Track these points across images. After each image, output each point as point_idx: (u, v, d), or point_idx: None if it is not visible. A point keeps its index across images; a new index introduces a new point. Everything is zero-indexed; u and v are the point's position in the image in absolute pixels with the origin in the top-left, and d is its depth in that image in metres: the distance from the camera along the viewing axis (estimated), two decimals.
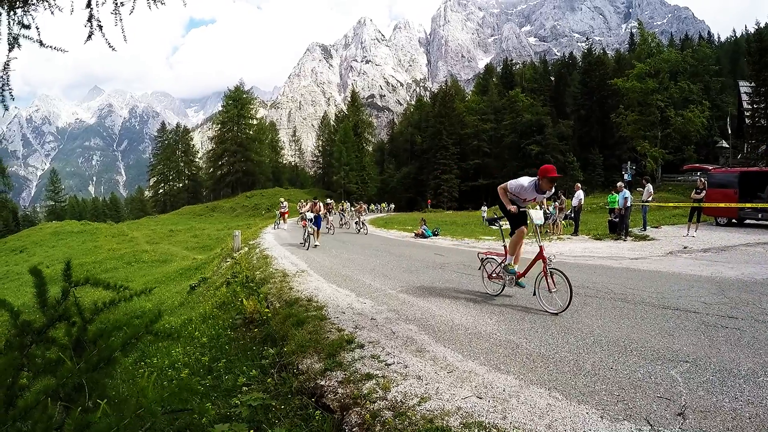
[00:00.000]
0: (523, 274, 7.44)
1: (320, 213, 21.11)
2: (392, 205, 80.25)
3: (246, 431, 3.68)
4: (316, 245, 18.96)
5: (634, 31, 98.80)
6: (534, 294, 6.94)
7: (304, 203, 33.12)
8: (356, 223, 29.51)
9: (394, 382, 4.32)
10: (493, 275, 7.93)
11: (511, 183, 7.42)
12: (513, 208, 7.15)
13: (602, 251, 14.66)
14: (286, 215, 36.95)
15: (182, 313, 12.27)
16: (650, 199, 20.87)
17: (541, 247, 6.85)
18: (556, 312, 6.49)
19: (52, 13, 4.10)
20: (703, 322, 5.85)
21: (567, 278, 6.46)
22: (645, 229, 19.99)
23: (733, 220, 20.98)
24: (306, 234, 19.27)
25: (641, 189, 22.05)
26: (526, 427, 3.34)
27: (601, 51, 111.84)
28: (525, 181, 7.26)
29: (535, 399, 3.78)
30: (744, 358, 4.48)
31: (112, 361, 2.20)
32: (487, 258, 8.27)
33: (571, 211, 23.08)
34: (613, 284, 8.61)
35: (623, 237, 17.68)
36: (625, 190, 18.87)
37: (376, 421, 3.64)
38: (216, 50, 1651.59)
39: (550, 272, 6.72)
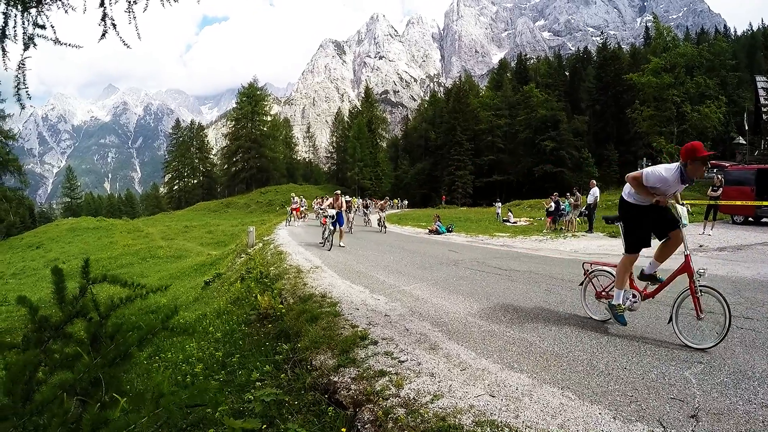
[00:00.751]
0: (654, 294, 5.67)
1: (343, 209, 18.67)
2: (405, 201, 79.89)
3: (259, 426, 3.71)
4: (341, 245, 17.22)
5: (649, 25, 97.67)
6: (669, 321, 5.21)
7: (322, 199, 32.36)
8: (378, 221, 27.92)
9: (407, 379, 4.33)
10: (604, 294, 6.07)
11: (648, 173, 5.33)
12: (661, 198, 5.32)
13: (617, 249, 14.55)
14: (298, 212, 35.86)
15: (197, 308, 12.35)
16: None
17: (686, 256, 5.27)
18: (704, 347, 4.85)
19: (65, 12, 4.14)
20: (717, 323, 5.79)
21: (724, 300, 4.91)
22: None
23: (750, 219, 20.69)
24: (327, 233, 17.24)
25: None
26: (538, 426, 3.34)
27: (616, 45, 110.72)
28: (665, 170, 5.27)
29: (548, 398, 3.78)
30: (759, 360, 4.45)
31: (128, 357, 2.22)
32: (596, 270, 6.37)
33: (585, 208, 22.93)
34: None
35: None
36: None
37: (389, 418, 3.66)
38: (229, 47, 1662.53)
39: (700, 291, 5.11)
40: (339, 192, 19.57)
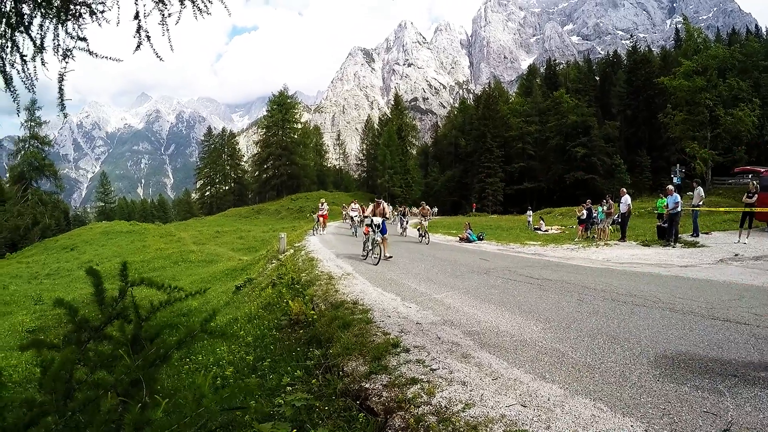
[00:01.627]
0: None
1: (386, 216, 16.35)
2: (435, 209, 77.92)
3: (289, 430, 3.76)
4: (388, 257, 15.32)
5: (679, 26, 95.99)
6: None
7: (358, 207, 30.82)
8: (418, 229, 25.10)
9: (438, 387, 4.33)
10: None
11: None
12: None
13: (650, 258, 14.36)
14: (326, 219, 32.19)
15: (228, 312, 12.50)
16: (700, 203, 20.29)
17: None
18: None
19: (99, 25, 4.26)
20: (753, 335, 5.68)
21: None
22: (696, 235, 19.39)
23: None
24: (371, 244, 15.48)
25: (691, 193, 21.46)
26: None
27: (646, 48, 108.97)
28: None
29: (579, 409, 3.74)
30: None
31: (167, 358, 2.29)
32: None
33: (618, 216, 22.63)
34: (661, 293, 8.44)
35: (672, 243, 17.25)
36: (675, 194, 18.35)
37: (420, 426, 3.67)
38: (259, 56, 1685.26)
39: None
40: (380, 198, 17.49)
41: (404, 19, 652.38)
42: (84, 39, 4.15)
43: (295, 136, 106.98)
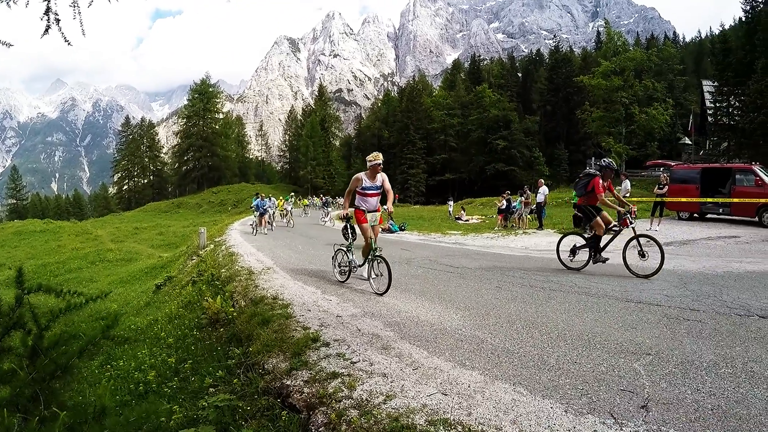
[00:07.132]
0: None
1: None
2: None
3: None
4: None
5: (600, 29, 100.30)
6: None
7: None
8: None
9: (359, 380, 4.31)
10: None
11: None
12: None
13: (567, 245, 14.83)
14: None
15: (148, 313, 12.09)
16: (627, 195, 21.22)
17: None
18: None
19: (8, 5, 3.97)
20: (665, 315, 5.96)
21: None
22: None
23: (695, 215, 21.51)
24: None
25: (619, 187, 22.38)
26: (491, 422, 3.35)
27: (568, 48, 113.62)
28: None
29: (500, 394, 3.79)
30: (705, 350, 4.58)
31: (69, 369, 2.16)
32: None
33: (535, 206, 23.38)
34: (577, 278, 8.75)
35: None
36: None
37: (342, 421, 3.63)
38: (182, 43, 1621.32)
39: None
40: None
41: (333, 9, 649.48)
42: None
43: (217, 127, 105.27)
